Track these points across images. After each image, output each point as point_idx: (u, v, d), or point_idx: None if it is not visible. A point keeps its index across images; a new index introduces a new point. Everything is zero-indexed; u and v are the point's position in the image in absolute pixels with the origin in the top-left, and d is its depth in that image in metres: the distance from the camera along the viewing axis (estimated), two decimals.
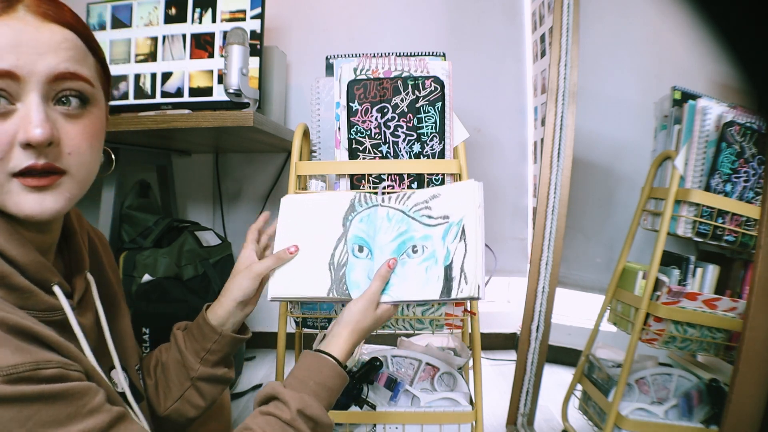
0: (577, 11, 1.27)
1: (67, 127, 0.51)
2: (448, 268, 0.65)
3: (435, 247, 0.67)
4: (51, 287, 0.52)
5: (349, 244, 0.70)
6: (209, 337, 0.69)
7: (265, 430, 0.56)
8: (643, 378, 1.17)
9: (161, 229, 1.47)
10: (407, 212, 0.70)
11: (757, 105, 1.17)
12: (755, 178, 1.14)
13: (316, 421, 0.59)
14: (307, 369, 0.63)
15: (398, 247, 0.68)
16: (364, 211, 0.72)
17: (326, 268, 0.70)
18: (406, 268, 0.67)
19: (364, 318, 0.66)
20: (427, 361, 1.06)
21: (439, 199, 0.70)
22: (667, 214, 1.13)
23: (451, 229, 0.67)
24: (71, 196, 0.52)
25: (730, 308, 1.12)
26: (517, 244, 1.97)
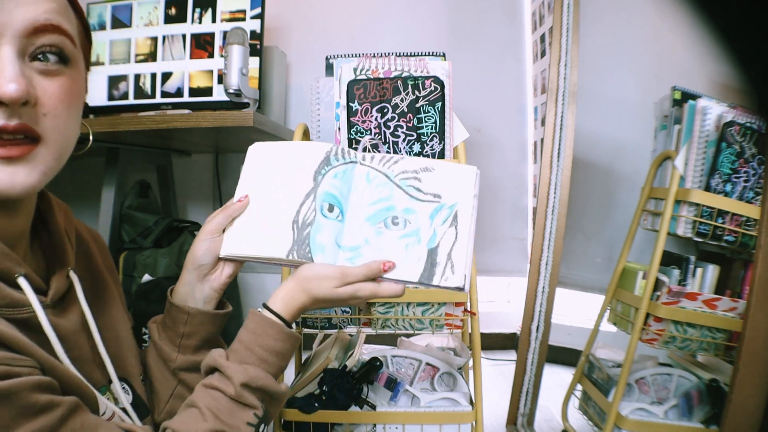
0: (577, 11, 1.27)
1: (44, 84, 0.45)
2: (432, 251, 0.59)
3: (420, 225, 0.60)
4: (15, 279, 0.45)
5: (318, 201, 0.61)
6: (179, 319, 0.62)
7: (210, 408, 0.51)
8: (643, 378, 1.17)
9: (161, 229, 1.47)
10: (392, 177, 0.62)
11: (757, 105, 1.17)
12: (755, 178, 1.14)
13: (266, 392, 0.54)
14: (252, 332, 0.56)
15: (375, 214, 0.60)
16: (341, 167, 0.63)
17: (289, 226, 0.61)
18: (381, 239, 0.59)
19: (321, 286, 0.57)
20: (427, 361, 1.06)
21: (431, 173, 0.62)
22: (667, 214, 1.13)
23: (442, 211, 0.61)
24: (46, 169, 0.45)
25: (730, 308, 1.12)
26: (517, 244, 1.97)
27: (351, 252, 0.60)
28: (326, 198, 0.62)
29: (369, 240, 0.60)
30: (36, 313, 0.45)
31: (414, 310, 1.03)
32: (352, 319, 1.06)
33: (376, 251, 0.59)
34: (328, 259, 0.59)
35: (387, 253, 0.59)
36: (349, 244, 0.60)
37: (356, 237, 0.60)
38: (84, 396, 0.46)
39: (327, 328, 1.07)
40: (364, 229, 0.60)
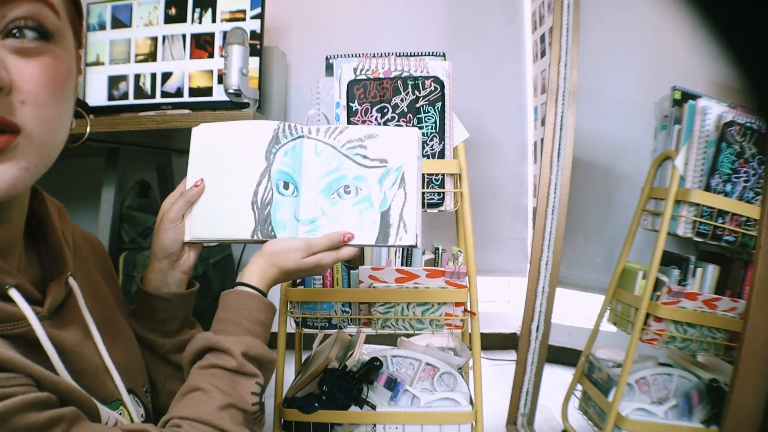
0: (577, 11, 1.27)
1: (20, 65, 0.38)
2: (385, 214, 0.63)
3: (371, 191, 0.63)
4: (5, 291, 0.41)
5: (273, 180, 0.63)
6: (157, 306, 0.63)
7: (215, 385, 0.49)
8: (643, 378, 1.17)
9: None
10: (339, 148, 0.64)
11: (757, 105, 1.17)
12: (755, 178, 1.14)
13: (260, 360, 0.54)
14: (235, 309, 0.56)
15: (328, 186, 0.63)
16: (289, 143, 0.64)
17: (249, 207, 0.63)
18: (337, 208, 0.63)
19: (289, 258, 0.59)
20: (427, 361, 1.06)
21: (375, 140, 0.64)
22: (667, 214, 1.13)
23: (390, 175, 0.63)
24: (30, 166, 0.39)
25: (730, 308, 1.12)
26: (517, 244, 1.97)
27: (310, 225, 0.62)
28: (280, 176, 0.64)
29: (325, 210, 0.63)
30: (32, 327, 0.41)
31: (414, 310, 1.03)
32: (352, 319, 1.06)
33: (333, 221, 0.62)
34: (290, 234, 0.62)
35: (343, 221, 0.62)
36: (307, 217, 0.63)
37: (313, 210, 0.63)
38: (84, 408, 0.43)
39: (327, 328, 1.07)
40: (319, 202, 0.63)
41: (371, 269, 1.02)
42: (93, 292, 0.56)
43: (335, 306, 1.05)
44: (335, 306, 1.05)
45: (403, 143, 0.64)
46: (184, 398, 0.50)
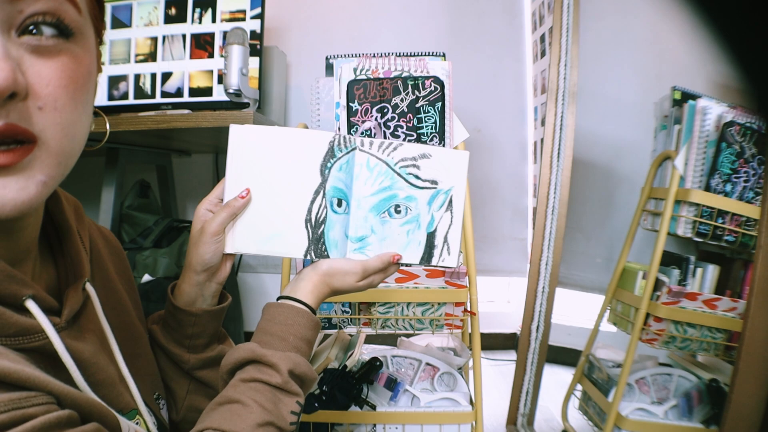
0: (577, 11, 1.27)
1: (37, 66, 0.34)
2: (431, 235, 0.63)
3: (420, 211, 0.63)
4: (22, 303, 0.38)
5: (328, 197, 0.61)
6: (185, 322, 0.59)
7: (255, 399, 0.47)
8: (643, 378, 1.17)
9: (161, 229, 1.47)
10: (392, 166, 0.62)
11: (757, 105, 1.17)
12: (755, 178, 1.14)
13: (304, 379, 0.53)
14: (283, 324, 0.54)
15: (379, 204, 0.61)
16: (344, 157, 0.61)
17: (302, 225, 0.60)
18: (386, 228, 0.62)
19: (344, 282, 0.59)
20: (427, 361, 1.06)
21: (428, 160, 0.63)
22: (667, 214, 1.13)
23: (439, 196, 0.63)
24: (47, 179, 0.36)
25: (730, 308, 1.12)
26: (517, 244, 1.97)
27: (358, 242, 0.61)
28: (335, 193, 0.61)
29: (374, 229, 0.61)
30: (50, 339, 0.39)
31: (414, 310, 1.03)
32: (352, 319, 1.06)
33: (381, 239, 0.62)
34: (340, 253, 0.61)
35: (390, 240, 0.62)
36: (356, 235, 0.61)
37: (363, 227, 0.61)
38: (105, 422, 0.41)
39: (327, 328, 1.07)
40: (369, 219, 0.61)
41: None
42: (110, 296, 0.54)
43: (335, 306, 1.05)
44: (335, 306, 1.05)
45: (455, 166, 0.63)
46: (220, 408, 0.48)
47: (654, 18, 1.66)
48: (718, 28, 0.21)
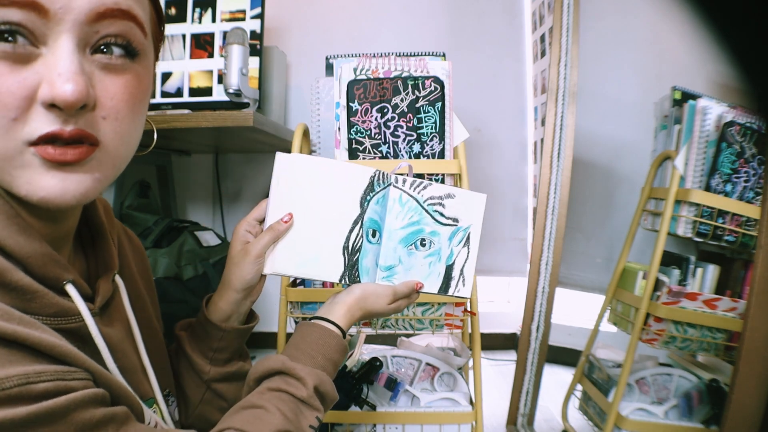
0: (577, 11, 1.27)
1: (105, 82, 0.39)
2: (449, 268, 0.69)
3: (441, 246, 0.69)
4: (62, 286, 0.42)
5: (365, 228, 0.66)
6: (214, 335, 0.62)
7: (279, 408, 0.49)
8: (643, 378, 1.17)
9: (161, 229, 1.47)
10: (422, 203, 0.68)
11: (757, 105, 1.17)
12: (755, 178, 1.14)
13: (326, 397, 0.56)
14: (314, 342, 0.57)
15: (407, 236, 0.67)
16: (381, 191, 0.67)
17: (340, 251, 0.65)
18: (412, 259, 0.67)
19: (377, 304, 0.63)
20: (427, 361, 1.06)
21: (453, 200, 0.69)
22: (667, 214, 1.13)
23: (458, 233, 0.70)
24: (103, 177, 0.40)
25: (730, 308, 1.12)
26: (517, 244, 1.97)
27: (387, 271, 0.66)
28: (371, 224, 0.67)
29: (402, 260, 0.67)
30: (85, 322, 0.42)
31: (414, 310, 1.03)
32: None
33: (407, 269, 0.67)
34: (371, 280, 0.66)
35: (414, 271, 0.68)
36: (386, 264, 0.66)
37: (392, 257, 0.67)
38: (131, 406, 0.43)
39: None
40: (398, 250, 0.67)
41: None
42: (132, 291, 0.56)
43: None
44: None
45: (473, 206, 0.71)
46: (243, 412, 0.50)
47: (654, 18, 1.66)
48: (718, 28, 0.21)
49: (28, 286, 0.38)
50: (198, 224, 1.61)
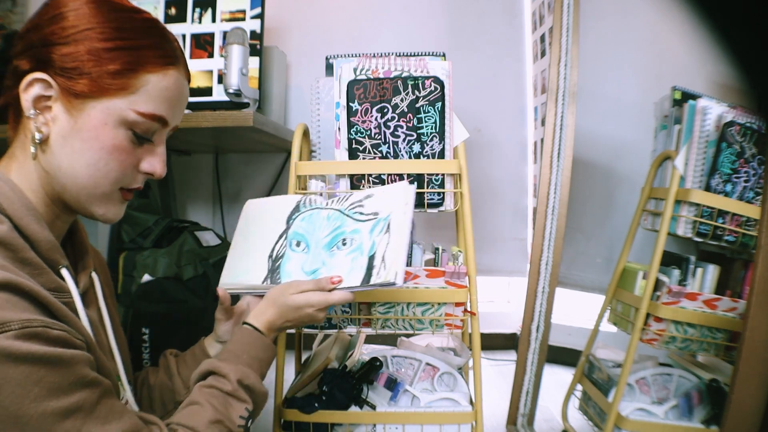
0: (577, 11, 1.27)
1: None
2: (371, 258, 0.70)
3: (362, 240, 0.72)
4: (59, 269, 0.54)
5: (288, 239, 0.77)
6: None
7: (210, 402, 0.59)
8: (643, 378, 1.17)
9: (161, 229, 1.47)
10: (343, 210, 0.77)
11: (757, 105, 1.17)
12: (755, 178, 1.14)
13: (253, 390, 0.63)
14: (239, 342, 0.67)
15: (331, 241, 0.74)
16: (307, 212, 0.79)
17: (266, 260, 0.76)
18: (334, 259, 0.73)
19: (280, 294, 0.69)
20: (427, 361, 1.06)
21: (372, 198, 0.76)
22: (667, 214, 1.13)
23: (379, 224, 0.72)
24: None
25: (730, 308, 1.12)
26: (517, 244, 1.96)
27: (311, 275, 0.73)
28: (295, 236, 0.77)
29: (325, 262, 0.73)
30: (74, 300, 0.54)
31: (414, 310, 1.03)
32: (352, 319, 1.06)
33: (330, 269, 0.73)
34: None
35: (338, 269, 0.72)
36: (310, 269, 0.74)
37: (317, 262, 0.74)
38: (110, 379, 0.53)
39: (327, 328, 1.07)
40: (322, 255, 0.74)
41: None
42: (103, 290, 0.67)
43: (335, 306, 1.05)
44: (335, 306, 1.05)
45: (393, 195, 0.74)
46: (184, 409, 0.60)
47: (654, 18, 1.66)
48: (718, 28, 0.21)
49: (37, 263, 0.50)
50: (198, 224, 1.61)
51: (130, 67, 0.53)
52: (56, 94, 0.52)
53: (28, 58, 0.52)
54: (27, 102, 0.51)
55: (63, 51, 0.51)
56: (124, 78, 0.52)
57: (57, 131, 0.52)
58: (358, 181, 1.02)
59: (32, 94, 0.51)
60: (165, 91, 0.55)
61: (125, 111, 0.53)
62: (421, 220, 1.92)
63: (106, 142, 0.53)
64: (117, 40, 0.52)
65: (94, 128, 0.52)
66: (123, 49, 0.52)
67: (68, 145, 0.52)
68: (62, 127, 0.52)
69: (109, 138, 0.53)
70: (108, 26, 0.52)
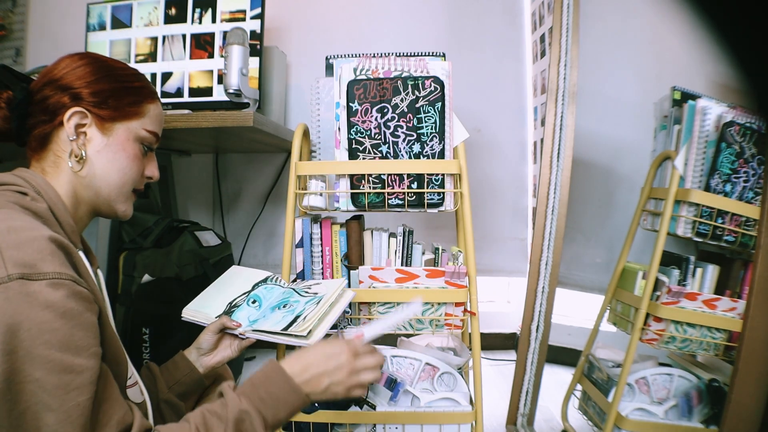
0: (577, 11, 1.27)
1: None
2: (297, 317, 0.86)
3: (297, 306, 0.90)
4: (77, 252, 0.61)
5: (248, 297, 0.97)
6: (182, 370, 0.84)
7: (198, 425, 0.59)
8: (643, 378, 1.17)
9: (161, 229, 1.47)
10: (296, 289, 0.98)
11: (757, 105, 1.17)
12: (755, 178, 1.14)
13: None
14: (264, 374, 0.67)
15: (277, 304, 0.93)
16: (270, 285, 1.00)
17: (225, 305, 0.95)
18: (272, 314, 0.90)
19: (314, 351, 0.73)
20: (427, 361, 1.06)
21: (319, 285, 0.98)
22: (667, 214, 1.13)
23: (314, 299, 0.91)
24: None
25: (729, 308, 1.12)
26: (517, 244, 1.97)
27: (252, 323, 0.89)
28: (253, 296, 0.97)
29: (265, 315, 0.91)
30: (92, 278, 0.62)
31: None
32: (352, 319, 1.06)
33: (266, 320, 0.89)
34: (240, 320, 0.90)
35: (270, 321, 0.88)
36: (253, 318, 0.90)
37: (258, 315, 0.91)
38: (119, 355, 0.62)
39: None
40: (266, 312, 0.92)
41: (371, 269, 1.02)
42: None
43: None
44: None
45: (333, 286, 0.95)
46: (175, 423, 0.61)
47: (654, 18, 1.66)
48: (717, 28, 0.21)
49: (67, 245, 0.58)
50: (198, 224, 1.61)
51: (139, 99, 0.73)
52: (90, 121, 0.69)
53: (66, 95, 0.68)
54: (71, 129, 0.67)
55: (91, 90, 0.68)
56: (137, 107, 0.73)
57: (93, 148, 0.69)
58: (358, 181, 1.02)
59: (74, 123, 0.67)
60: (159, 115, 0.77)
61: (139, 130, 0.73)
62: (421, 220, 1.92)
63: (130, 152, 0.72)
64: (125, 82, 0.72)
65: (122, 143, 0.71)
66: (130, 88, 0.72)
67: (102, 157, 0.70)
68: (97, 143, 0.70)
69: (132, 149, 0.72)
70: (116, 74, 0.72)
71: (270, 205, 1.96)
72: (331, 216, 1.13)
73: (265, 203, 1.96)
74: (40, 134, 0.68)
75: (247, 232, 1.97)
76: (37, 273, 0.51)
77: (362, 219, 1.12)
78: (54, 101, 0.68)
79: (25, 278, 0.50)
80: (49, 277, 0.51)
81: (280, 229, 1.96)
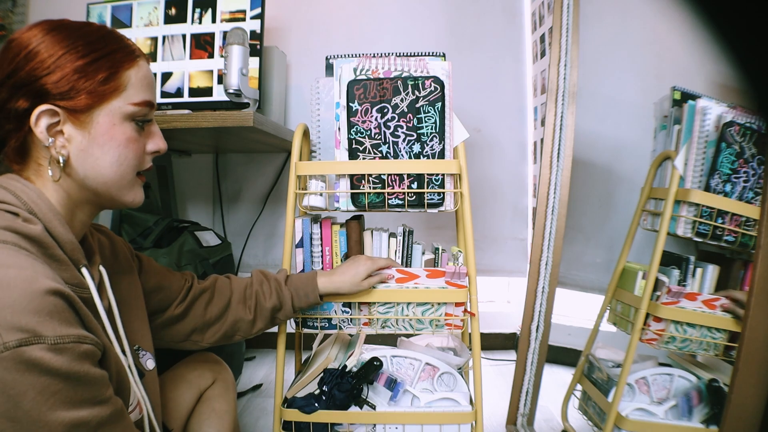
0: (577, 11, 1.27)
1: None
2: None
3: None
4: (80, 268, 0.61)
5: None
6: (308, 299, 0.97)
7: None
8: (643, 378, 1.17)
9: (161, 229, 1.47)
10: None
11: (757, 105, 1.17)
12: (755, 178, 1.14)
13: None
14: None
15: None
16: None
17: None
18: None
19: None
20: (427, 361, 1.06)
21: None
22: (667, 215, 1.13)
23: None
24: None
25: None
26: (517, 244, 1.97)
27: None
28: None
29: None
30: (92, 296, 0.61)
31: (414, 310, 1.03)
32: (352, 319, 1.06)
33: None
34: None
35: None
36: None
37: None
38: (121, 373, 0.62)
39: (327, 328, 1.07)
40: None
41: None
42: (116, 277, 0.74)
43: (335, 306, 1.05)
44: (335, 306, 1.05)
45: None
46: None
47: (654, 18, 1.66)
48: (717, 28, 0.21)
49: (64, 260, 0.58)
50: (198, 224, 1.61)
51: (112, 70, 0.61)
52: (63, 117, 0.59)
53: (23, 97, 0.57)
54: (42, 134, 0.58)
55: (53, 79, 0.57)
56: (112, 82, 0.61)
57: (75, 147, 0.60)
58: (358, 181, 1.02)
59: (43, 126, 0.58)
60: (144, 79, 0.64)
61: (124, 107, 0.62)
62: (421, 220, 1.92)
63: (119, 138, 0.62)
64: (92, 53, 0.60)
65: (107, 131, 0.61)
66: (100, 58, 0.60)
67: (89, 155, 0.61)
68: (79, 142, 0.60)
69: (120, 134, 0.62)
70: (78, 44, 0.59)
71: (270, 205, 1.96)
72: (331, 216, 1.13)
73: (265, 203, 1.96)
74: (15, 145, 0.60)
75: (247, 232, 1.97)
76: (36, 337, 0.47)
77: (362, 219, 1.12)
78: (14, 105, 0.58)
79: (24, 345, 0.46)
80: (50, 342, 0.48)
81: (280, 229, 1.96)
